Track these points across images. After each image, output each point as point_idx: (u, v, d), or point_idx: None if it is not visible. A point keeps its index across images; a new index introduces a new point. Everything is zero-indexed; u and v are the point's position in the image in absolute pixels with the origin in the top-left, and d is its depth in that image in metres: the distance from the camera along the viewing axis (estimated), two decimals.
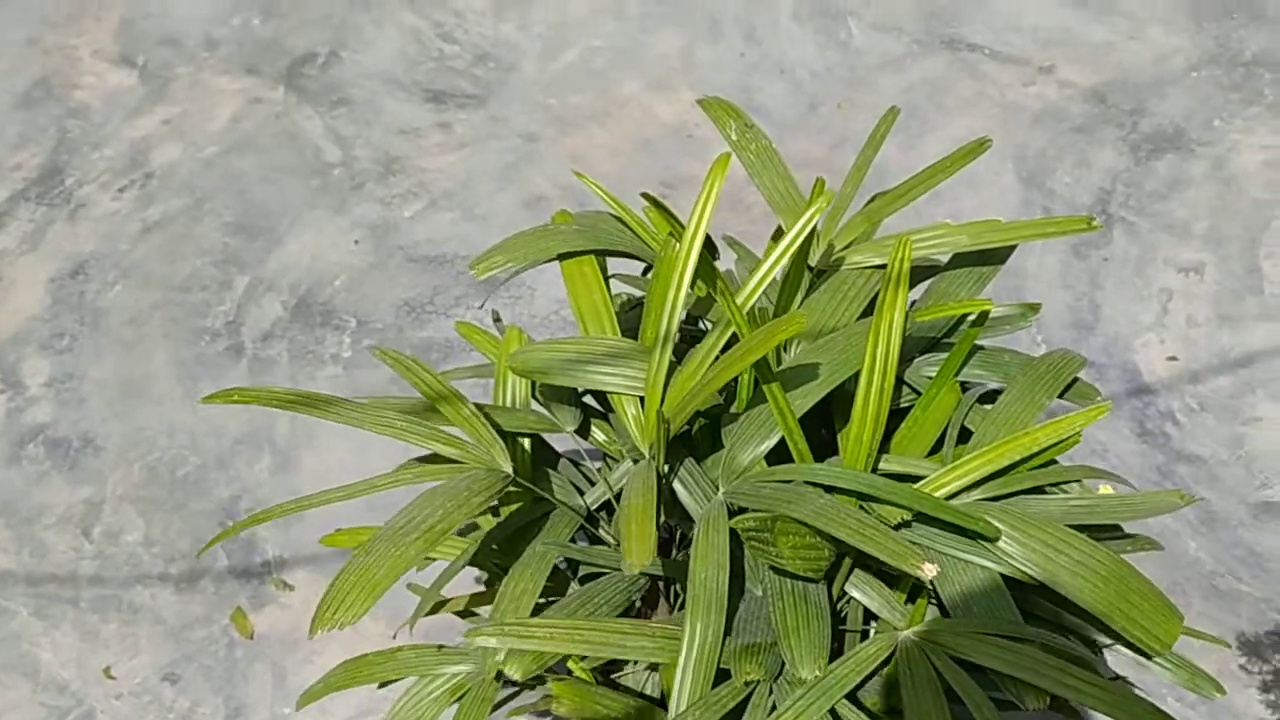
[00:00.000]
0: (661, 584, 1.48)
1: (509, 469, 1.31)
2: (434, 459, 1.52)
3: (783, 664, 1.23)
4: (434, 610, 1.63)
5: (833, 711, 1.21)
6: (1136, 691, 1.38)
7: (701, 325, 1.58)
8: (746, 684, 1.22)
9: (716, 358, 1.30)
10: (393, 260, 2.69)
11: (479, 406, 1.44)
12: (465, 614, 1.69)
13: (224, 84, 3.08)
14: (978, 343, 1.60)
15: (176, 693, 2.06)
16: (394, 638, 1.63)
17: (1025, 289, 2.58)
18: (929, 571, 1.10)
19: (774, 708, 1.23)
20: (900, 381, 1.53)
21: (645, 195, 1.42)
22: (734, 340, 1.32)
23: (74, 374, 2.50)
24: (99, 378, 2.50)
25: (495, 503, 1.54)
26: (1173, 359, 2.45)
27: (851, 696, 1.25)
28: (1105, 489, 2.27)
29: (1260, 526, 2.20)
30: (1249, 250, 2.62)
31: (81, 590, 2.20)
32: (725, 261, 1.72)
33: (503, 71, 3.10)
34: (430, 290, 2.62)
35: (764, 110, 2.97)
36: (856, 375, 1.35)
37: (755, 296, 1.32)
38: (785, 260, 1.33)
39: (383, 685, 1.86)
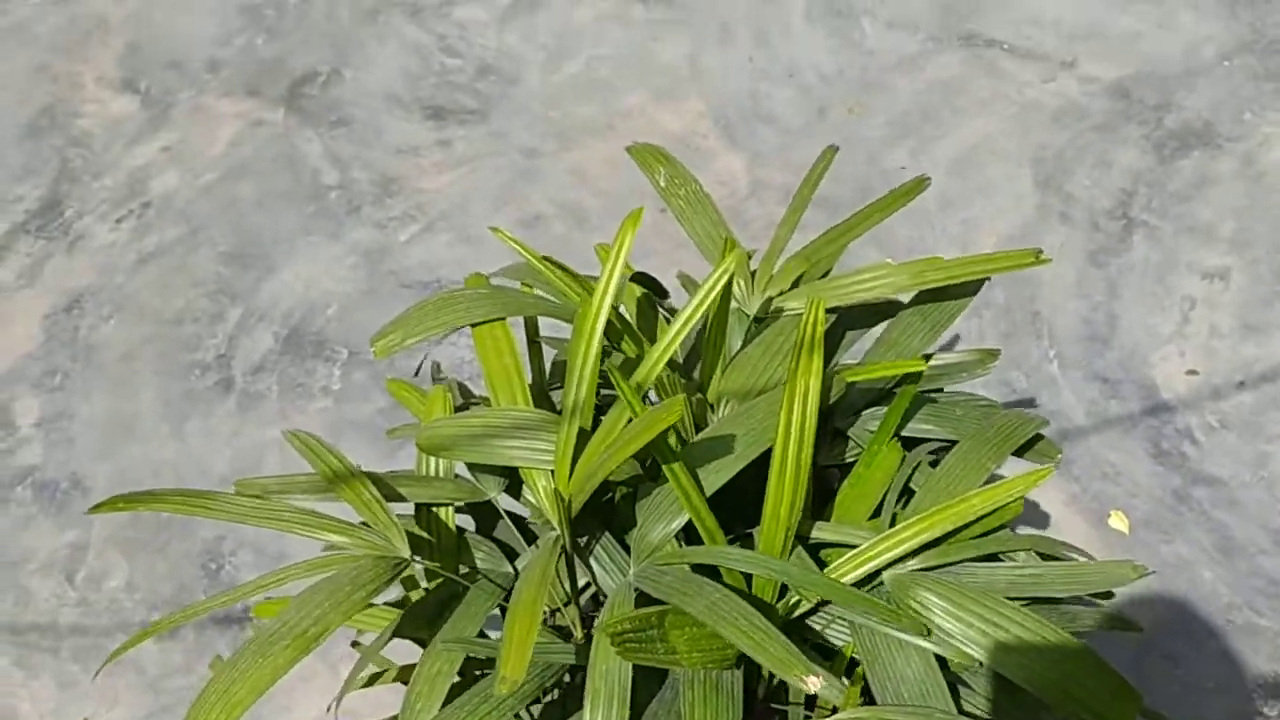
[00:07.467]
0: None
1: (405, 552, 1.24)
2: None
3: None
4: (370, 683, 1.57)
5: None
6: None
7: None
8: None
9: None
10: (385, 286, 2.63)
11: (399, 476, 1.38)
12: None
13: (225, 107, 3.04)
14: (946, 389, 1.50)
15: None
16: (329, 711, 1.58)
17: (1039, 299, 2.46)
18: (812, 685, 1.02)
19: None
20: (845, 436, 1.44)
21: (546, 259, 1.33)
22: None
23: (64, 413, 2.48)
24: (88, 416, 2.47)
25: (423, 579, 1.48)
26: (1193, 373, 2.32)
27: None
28: (1117, 514, 2.16)
29: None
30: (1278, 253, 2.48)
31: (62, 639, 2.17)
32: (678, 299, 1.64)
33: (505, 84, 3.03)
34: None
35: (771, 117, 2.87)
36: None
37: (657, 370, 1.23)
38: (691, 324, 1.24)
39: None
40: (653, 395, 1.35)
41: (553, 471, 1.28)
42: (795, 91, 2.93)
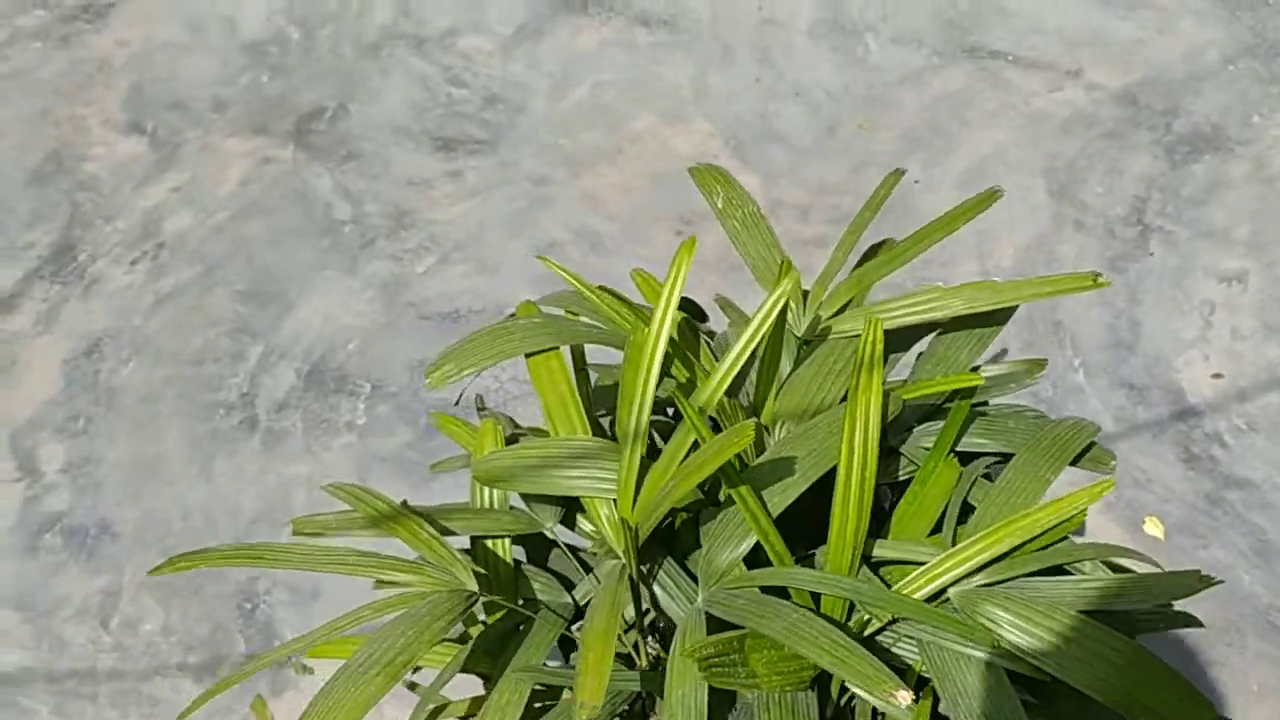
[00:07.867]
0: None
1: (473, 586, 1.24)
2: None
3: None
4: (434, 715, 1.56)
5: None
6: None
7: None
8: None
9: (688, 454, 1.22)
10: (405, 318, 2.63)
11: (451, 510, 1.38)
12: (468, 718, 1.62)
13: (233, 145, 3.04)
14: (991, 401, 1.50)
15: None
16: None
17: (1060, 308, 2.47)
18: (902, 700, 1.02)
19: None
20: (897, 454, 1.44)
21: (602, 288, 1.34)
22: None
23: (90, 457, 2.47)
24: (114, 460, 2.46)
25: (481, 612, 1.48)
26: (1218, 376, 2.33)
27: None
28: (1152, 520, 2.16)
29: None
30: None
31: (100, 685, 2.16)
32: (717, 323, 1.64)
33: (512, 113, 3.03)
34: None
35: (781, 136, 2.88)
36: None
37: (719, 394, 1.23)
38: (751, 348, 1.24)
39: None
40: None
41: (614, 500, 1.28)
42: (803, 110, 2.94)
